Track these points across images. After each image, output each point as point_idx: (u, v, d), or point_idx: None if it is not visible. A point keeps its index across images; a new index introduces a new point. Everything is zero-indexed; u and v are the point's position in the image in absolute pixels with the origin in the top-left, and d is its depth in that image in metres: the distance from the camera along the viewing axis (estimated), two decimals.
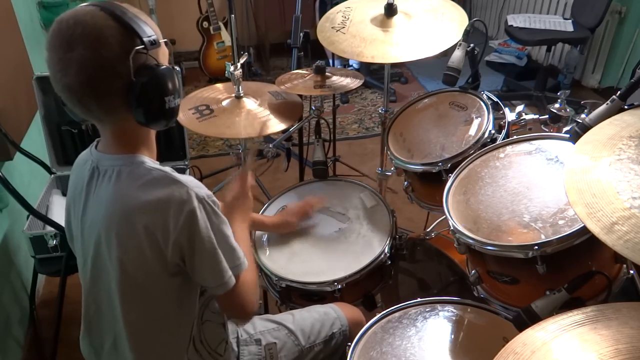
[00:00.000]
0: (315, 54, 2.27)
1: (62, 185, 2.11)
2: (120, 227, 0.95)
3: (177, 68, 2.07)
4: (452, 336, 1.17)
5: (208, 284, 1.01)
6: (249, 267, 1.07)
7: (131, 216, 0.94)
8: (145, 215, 0.93)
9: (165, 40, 0.96)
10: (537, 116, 1.46)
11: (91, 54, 0.87)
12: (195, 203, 0.94)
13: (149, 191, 0.94)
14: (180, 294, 1.03)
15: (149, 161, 0.99)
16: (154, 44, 0.91)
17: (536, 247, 1.03)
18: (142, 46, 0.89)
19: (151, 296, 1.01)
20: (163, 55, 0.97)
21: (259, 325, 1.30)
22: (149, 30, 0.91)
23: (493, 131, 1.45)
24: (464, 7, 1.65)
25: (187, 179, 0.96)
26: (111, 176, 0.97)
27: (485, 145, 1.41)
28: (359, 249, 1.50)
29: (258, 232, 1.58)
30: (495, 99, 1.55)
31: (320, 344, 1.31)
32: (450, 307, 1.23)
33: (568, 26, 3.38)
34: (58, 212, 1.93)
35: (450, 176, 1.35)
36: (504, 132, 1.45)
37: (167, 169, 0.98)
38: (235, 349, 1.22)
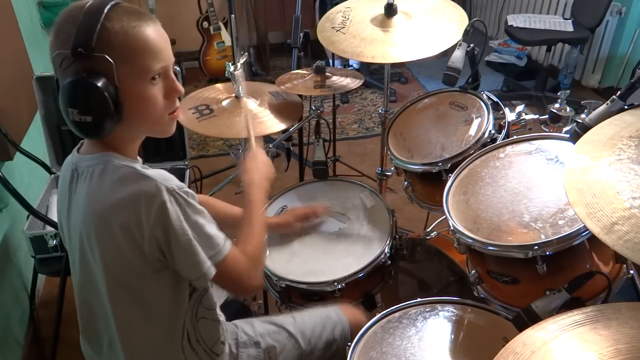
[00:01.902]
0: (315, 54, 2.28)
1: None
2: (97, 228, 0.95)
3: (177, 67, 2.07)
4: (452, 336, 1.17)
5: (189, 276, 1.01)
6: (250, 241, 1.10)
7: (105, 216, 0.94)
8: (117, 213, 0.93)
9: (104, 55, 0.89)
10: (537, 116, 1.46)
11: (56, 42, 0.91)
12: (165, 196, 0.93)
13: (118, 189, 0.93)
14: (168, 290, 1.03)
15: (120, 158, 0.98)
16: (79, 55, 0.88)
17: (536, 247, 1.03)
18: (69, 52, 0.89)
19: (139, 294, 1.01)
20: (127, 76, 0.92)
21: (259, 328, 1.29)
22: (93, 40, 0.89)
23: (493, 131, 1.45)
24: (464, 7, 1.65)
25: (156, 173, 0.96)
26: (86, 177, 0.98)
27: (485, 145, 1.41)
28: (359, 249, 1.50)
29: None
30: (495, 99, 1.54)
31: (320, 349, 1.29)
32: (450, 307, 1.23)
33: (568, 26, 3.38)
34: None
35: (450, 176, 1.35)
36: (504, 132, 1.45)
37: (137, 165, 0.98)
38: (234, 351, 1.22)
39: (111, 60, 0.88)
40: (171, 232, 0.94)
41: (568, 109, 1.39)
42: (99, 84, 0.88)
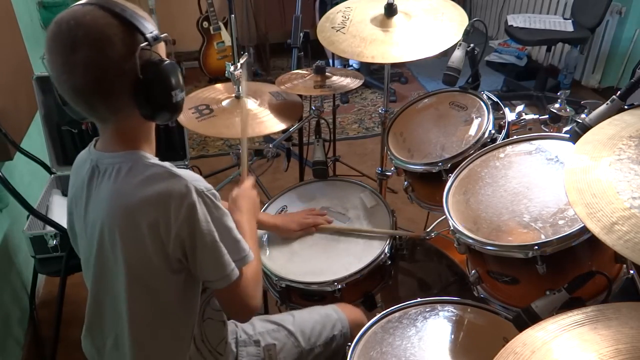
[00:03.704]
0: (315, 54, 2.27)
1: (62, 185, 2.11)
2: (122, 224, 0.95)
3: None
4: (452, 336, 1.17)
5: (209, 277, 1.01)
6: (253, 262, 1.06)
7: (132, 213, 0.94)
8: (146, 211, 0.93)
9: (165, 35, 0.96)
10: (537, 116, 1.46)
11: (96, 55, 0.87)
12: (195, 197, 0.94)
13: (148, 187, 0.94)
14: (183, 292, 1.03)
15: (148, 157, 0.99)
16: (157, 39, 0.92)
17: (536, 247, 1.03)
18: (146, 43, 0.90)
19: (155, 294, 1.01)
20: (162, 50, 0.98)
21: (258, 326, 1.30)
22: (150, 25, 0.92)
23: (493, 131, 1.45)
24: (464, 7, 1.65)
25: (186, 173, 0.97)
26: (111, 174, 0.97)
27: (485, 145, 1.41)
28: (359, 249, 1.50)
29: (258, 232, 1.58)
30: (495, 99, 1.54)
31: (320, 346, 1.30)
32: (450, 307, 1.23)
33: (568, 26, 3.38)
34: (58, 212, 1.93)
35: (450, 176, 1.35)
36: (504, 132, 1.45)
37: (166, 164, 0.98)
38: (234, 349, 1.22)
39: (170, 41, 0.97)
40: (197, 233, 0.95)
41: (568, 109, 1.39)
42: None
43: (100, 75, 0.89)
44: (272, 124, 1.58)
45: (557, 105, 1.39)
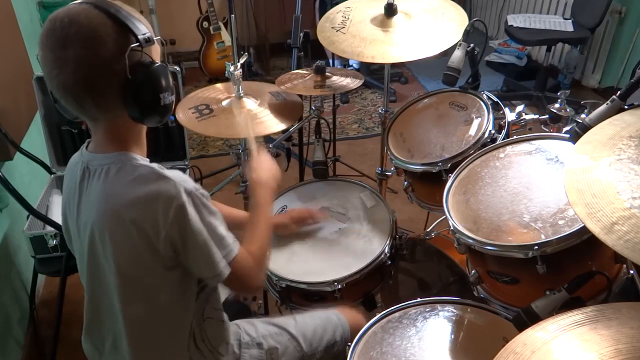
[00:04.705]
0: (315, 54, 2.27)
1: (62, 185, 2.10)
2: (111, 225, 0.96)
3: (177, 67, 2.07)
4: (452, 336, 1.17)
5: (204, 275, 1.03)
6: (255, 242, 1.11)
7: (120, 213, 0.94)
8: (133, 211, 0.94)
9: (159, 37, 0.97)
10: (537, 116, 1.46)
11: (87, 53, 0.88)
12: (184, 197, 0.94)
13: (136, 187, 0.94)
14: (178, 288, 1.03)
15: (137, 158, 0.99)
16: (149, 41, 0.92)
17: (536, 247, 1.03)
18: (137, 44, 0.90)
19: (149, 292, 1.01)
20: (156, 53, 0.98)
21: (261, 329, 1.30)
22: (143, 27, 0.92)
23: (493, 131, 1.45)
24: (464, 7, 1.65)
25: (174, 174, 0.97)
26: (100, 175, 0.98)
27: (485, 145, 1.41)
28: (359, 249, 1.50)
29: None
30: (495, 99, 1.54)
31: (321, 351, 1.30)
32: (450, 307, 1.23)
33: (568, 26, 3.38)
34: (58, 212, 1.93)
35: (450, 176, 1.35)
36: (504, 132, 1.45)
37: (155, 165, 0.99)
38: (237, 351, 1.22)
39: (164, 42, 0.95)
40: (189, 233, 0.95)
41: (568, 109, 1.39)
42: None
43: (89, 73, 0.89)
44: (272, 124, 1.58)
45: (557, 105, 1.39)
